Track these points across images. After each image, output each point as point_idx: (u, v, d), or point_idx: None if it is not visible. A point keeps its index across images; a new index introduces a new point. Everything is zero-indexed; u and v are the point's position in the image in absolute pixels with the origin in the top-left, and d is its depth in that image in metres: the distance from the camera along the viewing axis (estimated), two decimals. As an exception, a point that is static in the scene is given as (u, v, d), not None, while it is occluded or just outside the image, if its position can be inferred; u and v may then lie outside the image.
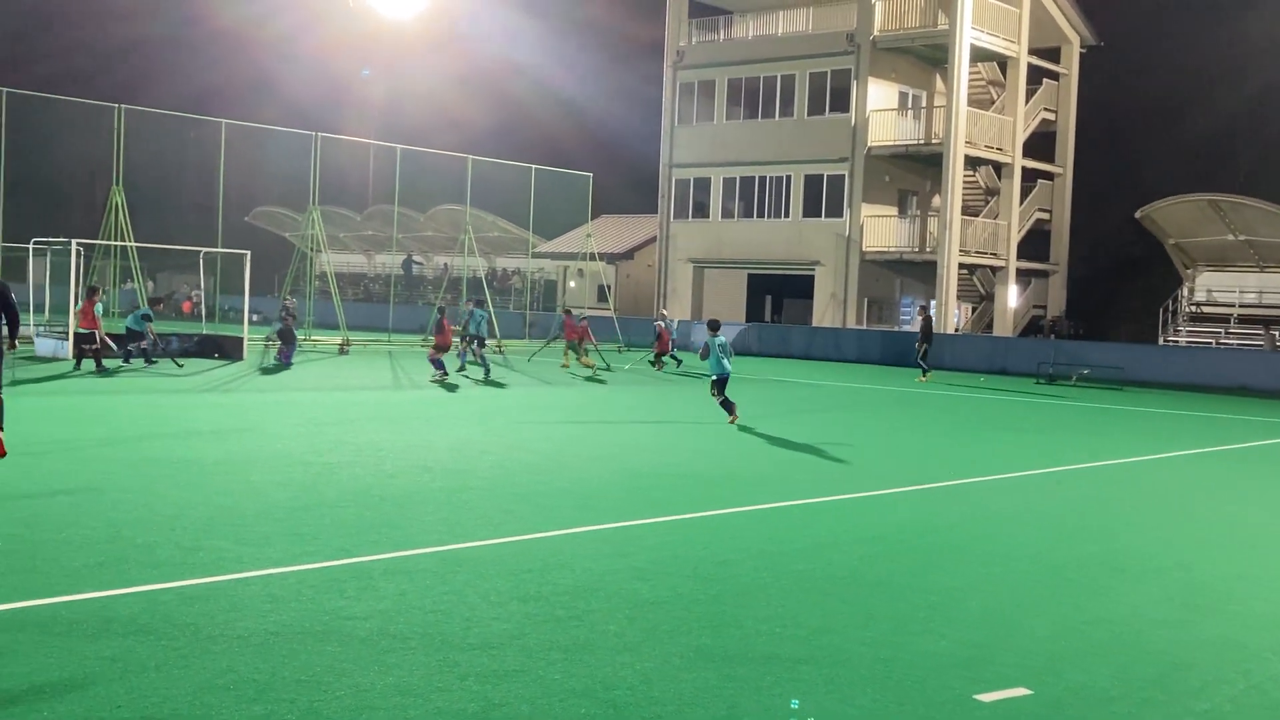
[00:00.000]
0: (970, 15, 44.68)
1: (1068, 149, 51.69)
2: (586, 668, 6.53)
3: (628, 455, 15.04)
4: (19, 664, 6.12)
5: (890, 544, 10.28)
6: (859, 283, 46.75)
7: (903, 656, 7.01)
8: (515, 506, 11.08)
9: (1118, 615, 8.24)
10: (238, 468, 12.58)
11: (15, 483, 11.09)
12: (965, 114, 45.14)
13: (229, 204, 39.71)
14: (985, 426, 21.49)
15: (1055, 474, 15.45)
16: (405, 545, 9.24)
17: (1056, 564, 9.81)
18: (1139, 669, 7.04)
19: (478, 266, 47.28)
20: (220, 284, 44.87)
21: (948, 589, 8.73)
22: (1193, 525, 12.13)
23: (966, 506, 12.51)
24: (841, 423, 21.14)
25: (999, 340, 42.39)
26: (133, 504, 10.31)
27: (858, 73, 46.44)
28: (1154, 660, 7.24)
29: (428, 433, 16.44)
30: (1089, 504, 13.17)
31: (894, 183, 48.14)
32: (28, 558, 8.30)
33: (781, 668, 6.69)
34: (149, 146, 42.75)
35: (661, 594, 8.14)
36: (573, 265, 56.98)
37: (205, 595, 7.58)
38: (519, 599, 7.83)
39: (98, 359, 25.04)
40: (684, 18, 52.03)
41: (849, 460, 15.84)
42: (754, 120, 49.97)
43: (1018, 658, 7.13)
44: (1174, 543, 11.05)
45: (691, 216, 51.89)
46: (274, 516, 10.08)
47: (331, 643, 6.72)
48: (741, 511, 11.47)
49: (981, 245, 46.75)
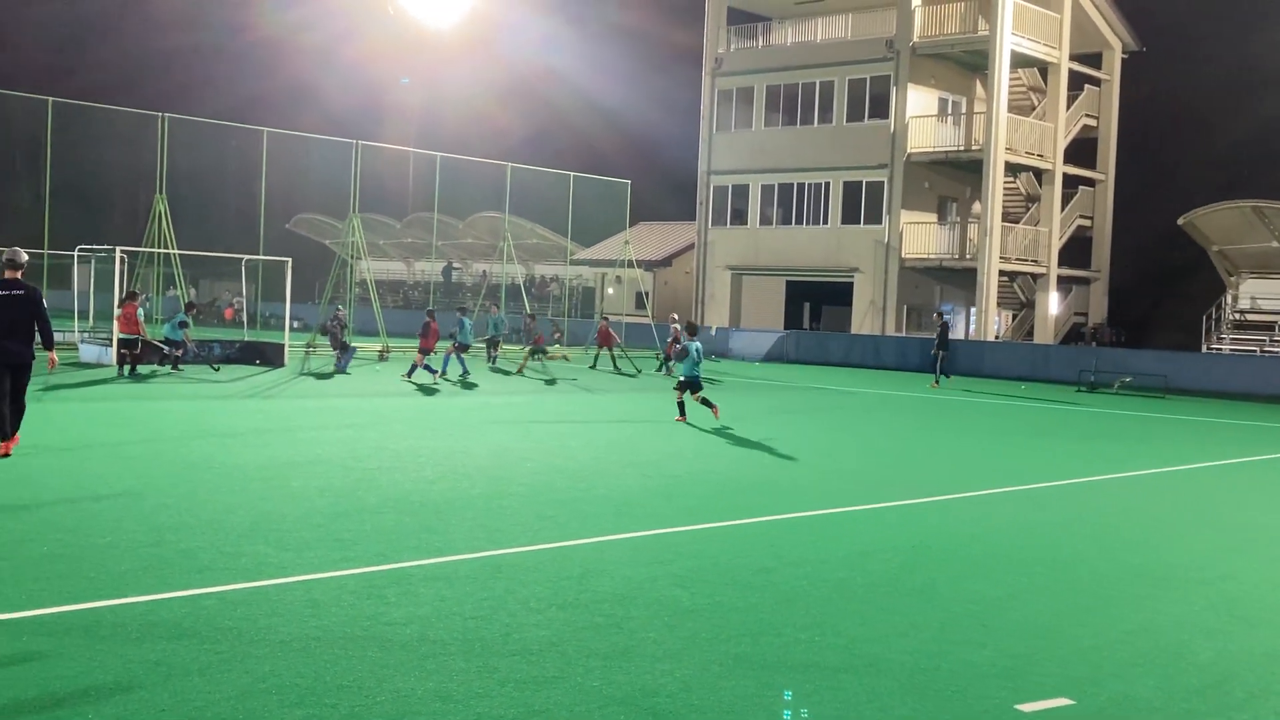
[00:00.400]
0: (1011, 21, 44.45)
1: (1109, 155, 51.31)
2: (626, 675, 6.53)
3: (666, 462, 15.04)
4: (65, 667, 6.19)
5: (930, 552, 10.23)
6: (898, 290, 46.55)
7: (943, 666, 6.97)
8: (554, 513, 11.10)
9: (1161, 625, 8.16)
10: (279, 473, 12.67)
11: (60, 487, 11.22)
12: (1005, 120, 44.89)
13: (270, 211, 40.01)
14: (1026, 434, 21.34)
15: (1096, 482, 15.32)
16: (445, 551, 9.28)
17: (1099, 573, 9.73)
18: (1182, 680, 6.97)
19: (516, 274, 47.40)
20: (261, 291, 45.25)
21: (989, 598, 8.67)
22: (1237, 535, 12.00)
23: (1007, 515, 12.42)
24: (881, 430, 21.05)
25: (1040, 348, 42.10)
26: (175, 509, 10.41)
27: (897, 79, 46.28)
28: (1198, 671, 7.17)
29: (466, 439, 16.49)
30: (1131, 513, 13.05)
31: (934, 189, 47.93)
32: (73, 562, 8.39)
33: (821, 676, 6.67)
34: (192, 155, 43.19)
35: (700, 601, 8.13)
36: (611, 272, 57.03)
37: (247, 600, 7.63)
38: (558, 605, 7.84)
39: (134, 364, 25.32)
40: (723, 24, 52.04)
41: (888, 468, 15.78)
42: (793, 127, 49.88)
43: (1059, 667, 7.07)
44: (1218, 553, 10.93)
45: (730, 223, 51.84)
46: (314, 522, 10.15)
47: (372, 648, 6.76)
48: (780, 519, 11.44)
49: (1022, 252, 46.46)
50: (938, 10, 46.62)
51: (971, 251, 46.16)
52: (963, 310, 48.53)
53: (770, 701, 6.24)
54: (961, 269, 46.32)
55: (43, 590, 7.60)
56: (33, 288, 13.57)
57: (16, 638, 6.64)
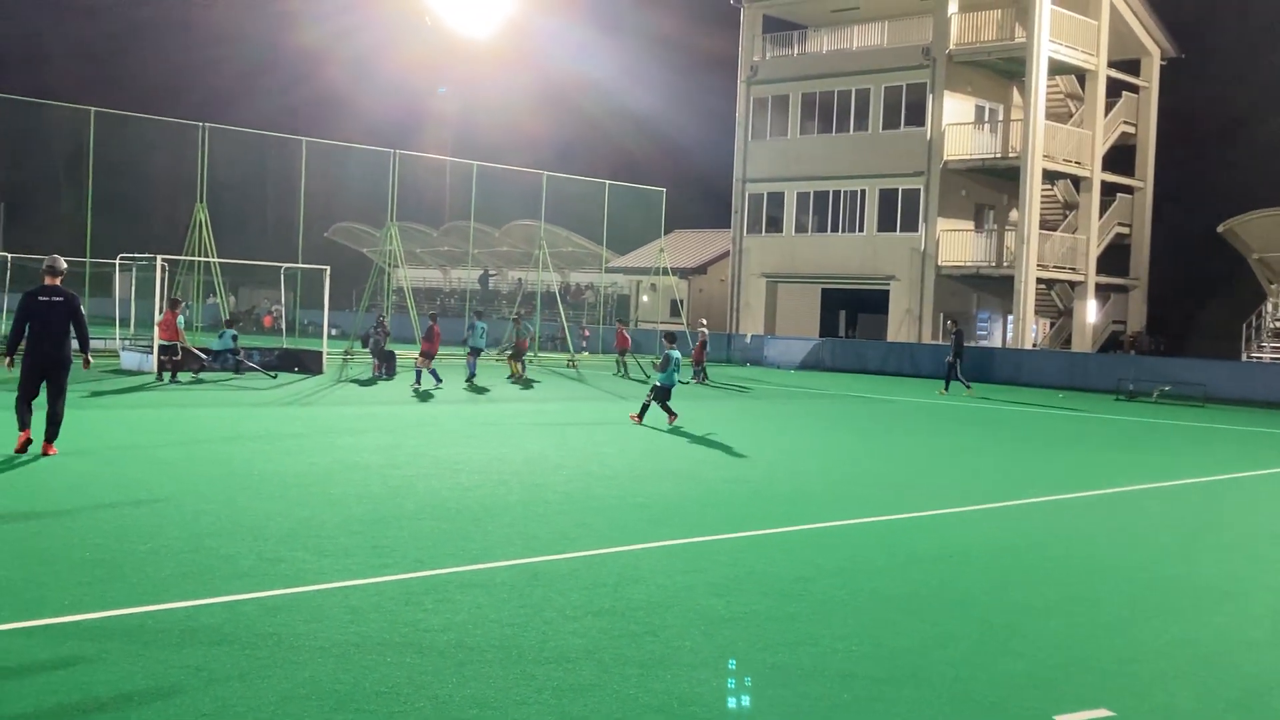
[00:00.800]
0: (1048, 28, 44.24)
1: (1148, 162, 50.95)
2: (662, 683, 6.53)
3: (701, 470, 15.03)
4: (107, 672, 6.25)
5: (969, 562, 10.18)
6: (935, 297, 46.36)
7: (982, 676, 6.94)
8: (590, 520, 11.12)
9: (1201, 637, 8.09)
10: (317, 480, 12.76)
11: (102, 493, 11.34)
12: (1043, 127, 44.65)
13: (309, 220, 40.35)
14: (1065, 443, 21.20)
15: (1136, 492, 15.20)
16: (482, 558, 9.31)
17: (1139, 584, 9.65)
18: (1223, 691, 6.91)
19: (551, 281, 47.52)
20: (300, 299, 45.55)
21: (1028, 608, 8.62)
22: (1278, 546, 11.87)
23: (1046, 524, 12.34)
24: (918, 438, 20.96)
25: (1078, 356, 41.81)
26: (215, 515, 10.50)
27: (933, 86, 46.13)
28: (1239, 683, 7.10)
29: (503, 446, 16.55)
30: (1171, 523, 12.95)
31: (970, 197, 47.72)
32: (115, 567, 8.48)
33: (859, 686, 6.65)
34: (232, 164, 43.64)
35: (737, 610, 8.12)
36: (646, 280, 57.10)
37: (287, 606, 7.69)
38: (594, 613, 7.85)
39: (175, 370, 25.54)
40: (758, 33, 52.05)
41: (926, 476, 15.72)
42: (828, 134, 49.81)
43: (1099, 678, 7.03)
44: (1259, 564, 10.83)
45: (765, 231, 51.80)
46: (353, 529, 10.21)
47: (410, 654, 6.79)
48: (817, 528, 11.42)
49: (1060, 260, 46.19)
50: (974, 18, 46.45)
51: (1008, 259, 45.92)
52: (1000, 318, 48.28)
53: (807, 711, 6.23)
54: (998, 277, 46.08)
55: (85, 595, 7.69)
56: (72, 294, 13.91)
57: (59, 642, 6.71)
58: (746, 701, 6.31)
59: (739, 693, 6.42)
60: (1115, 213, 49.80)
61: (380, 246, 43.56)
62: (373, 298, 44.44)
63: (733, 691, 6.43)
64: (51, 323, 13.53)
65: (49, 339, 13.55)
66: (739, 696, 6.36)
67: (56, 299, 13.58)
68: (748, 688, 6.49)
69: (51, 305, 13.55)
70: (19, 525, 9.78)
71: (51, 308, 13.55)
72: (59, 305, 13.57)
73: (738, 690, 6.45)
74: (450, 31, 61.04)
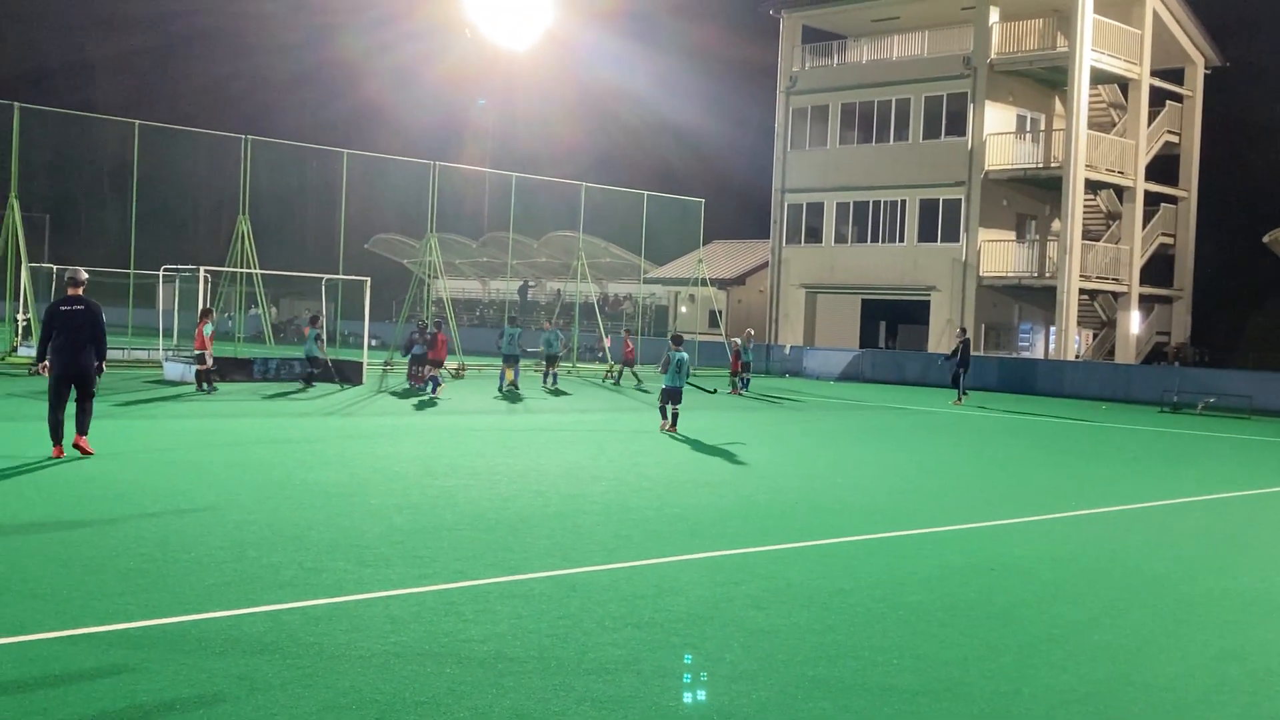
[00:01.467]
0: (1090, 37, 43.96)
1: (1192, 172, 50.50)
2: (703, 695, 6.51)
3: (739, 482, 15.00)
4: (151, 680, 6.30)
5: (1011, 575, 10.10)
6: (976, 308, 46.10)
7: (1024, 690, 6.88)
8: (629, 531, 11.11)
9: (1248, 651, 7.99)
10: (358, 490, 12.82)
11: (145, 503, 11.44)
12: (1085, 137, 44.36)
13: (349, 231, 40.61)
14: (1107, 456, 21.01)
15: (1181, 505, 15.05)
16: (521, 569, 9.32)
17: (1183, 597, 9.55)
18: (1270, 706, 6.82)
19: (590, 292, 47.62)
20: (341, 310, 45.87)
21: (1071, 622, 8.54)
22: (1328, 560, 11.71)
23: (1089, 537, 12.23)
24: (959, 449, 20.83)
25: (1121, 367, 41.45)
26: (257, 524, 10.57)
27: (974, 96, 45.92)
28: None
29: (541, 457, 16.57)
30: (1216, 536, 12.80)
31: (1012, 207, 47.45)
32: (158, 576, 8.55)
33: (899, 699, 6.61)
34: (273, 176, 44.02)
35: (776, 623, 8.09)
36: (684, 290, 57.08)
37: (328, 615, 7.73)
38: (633, 625, 7.85)
39: (201, 380, 25.61)
40: (797, 43, 52.00)
41: (967, 488, 15.62)
42: (868, 145, 49.67)
43: (1142, 693, 6.95)
44: (1308, 578, 10.68)
45: (804, 241, 51.69)
46: (393, 539, 10.25)
47: (450, 664, 6.81)
48: (857, 540, 11.36)
49: (1102, 270, 45.82)
50: (1016, 27, 46.23)
51: (1051, 270, 45.60)
52: (1042, 329, 47.93)
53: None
54: (1041, 287, 45.77)
55: (128, 604, 7.75)
56: (93, 304, 14.55)
57: (103, 651, 6.77)
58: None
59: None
60: (1159, 223, 49.37)
61: (420, 258, 43.78)
62: (412, 308, 44.68)
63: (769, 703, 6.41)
64: (73, 331, 14.16)
65: (71, 347, 14.17)
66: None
67: (77, 307, 14.23)
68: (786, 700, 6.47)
69: (73, 314, 14.20)
70: (64, 534, 9.89)
71: (73, 316, 14.19)
72: (80, 313, 14.21)
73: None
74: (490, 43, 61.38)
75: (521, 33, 59.60)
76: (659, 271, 59.48)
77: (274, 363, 30.38)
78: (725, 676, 6.86)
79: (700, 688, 6.66)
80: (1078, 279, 44.25)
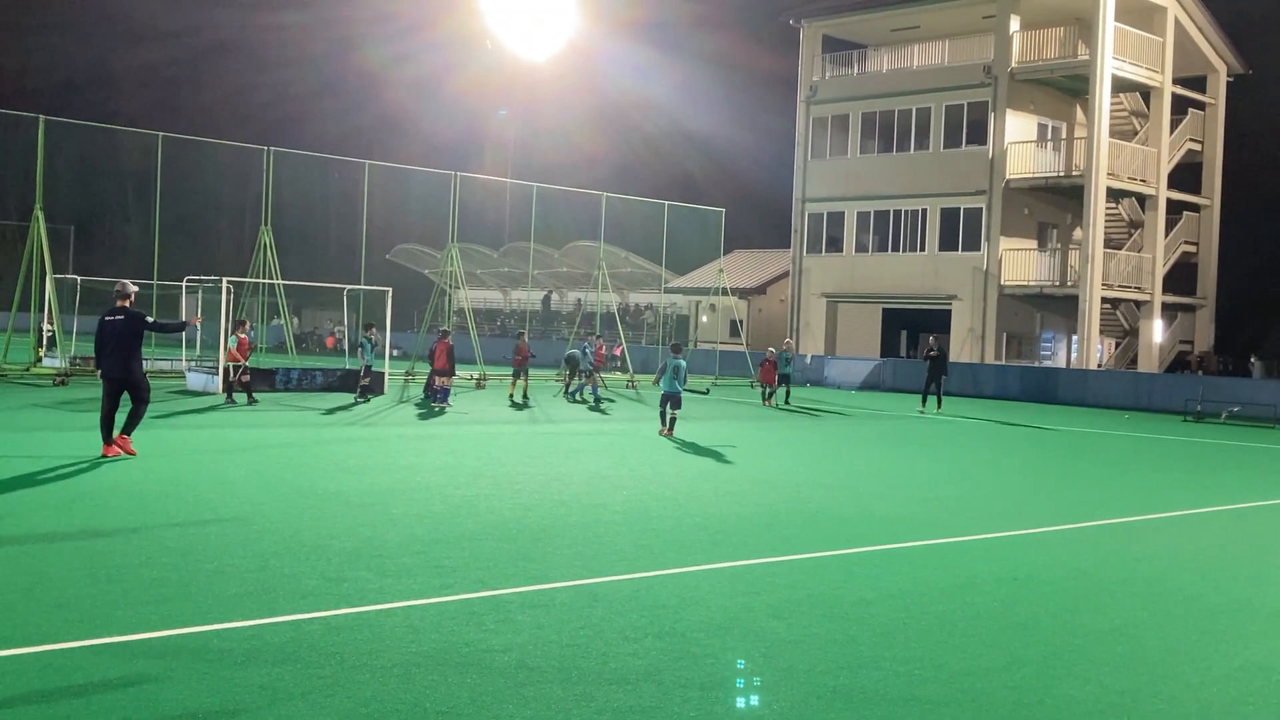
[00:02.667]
0: (1111, 46, 43.84)
1: (1214, 180, 50.27)
2: (723, 706, 6.50)
3: (760, 491, 14.98)
4: (174, 690, 6.32)
5: (1034, 585, 10.05)
6: (997, 317, 45.96)
7: (1047, 701, 6.84)
8: (650, 541, 11.11)
9: (1273, 662, 7.93)
10: (379, 500, 12.84)
11: (169, 513, 11.49)
12: (1107, 145, 44.22)
13: (371, 242, 40.76)
14: (1131, 465, 20.91)
15: (1204, 514, 14.96)
16: (542, 579, 9.33)
17: (1207, 608, 9.48)
18: (1298, 720, 6.76)
19: (611, 302, 47.67)
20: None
21: (1094, 632, 8.50)
22: (1354, 570, 11.62)
23: (1113, 547, 12.16)
24: (980, 459, 20.76)
25: (1143, 376, 41.24)
26: (279, 535, 10.60)
27: (995, 105, 45.84)
28: (1314, 711, 6.94)
29: (562, 466, 16.58)
30: (1241, 546, 12.72)
31: (1033, 215, 47.31)
32: (182, 586, 8.58)
33: (921, 710, 6.58)
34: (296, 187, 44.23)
35: (797, 633, 8.07)
36: (705, 300, 57.08)
37: (350, 625, 7.74)
38: (654, 635, 7.84)
39: (230, 390, 25.70)
40: (818, 53, 52.00)
41: (988, 498, 15.56)
42: (888, 154, 49.62)
43: (1166, 705, 6.90)
44: (1334, 588, 10.59)
45: (825, 251, 51.65)
46: (414, 549, 10.27)
47: (471, 674, 6.81)
48: (878, 550, 11.33)
49: (1125, 279, 45.64)
50: (1037, 35, 46.13)
51: (1073, 278, 45.43)
52: (1064, 338, 47.75)
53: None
54: (1062, 296, 45.61)
55: (152, 614, 7.79)
56: (134, 313, 15.34)
57: (127, 660, 6.80)
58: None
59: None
60: (1181, 231, 49.15)
61: (441, 268, 43.89)
62: (434, 318, 44.77)
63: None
64: (116, 339, 15.02)
65: (116, 354, 15.05)
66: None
67: (119, 318, 15.05)
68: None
69: (114, 324, 15.05)
70: (88, 543, 9.94)
71: (115, 325, 15.04)
72: (119, 323, 15.04)
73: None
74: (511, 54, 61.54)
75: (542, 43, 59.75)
76: (680, 281, 59.49)
77: (295, 373, 30.48)
78: (746, 688, 6.84)
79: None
80: (1100, 288, 44.08)
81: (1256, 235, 50.91)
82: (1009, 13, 45.57)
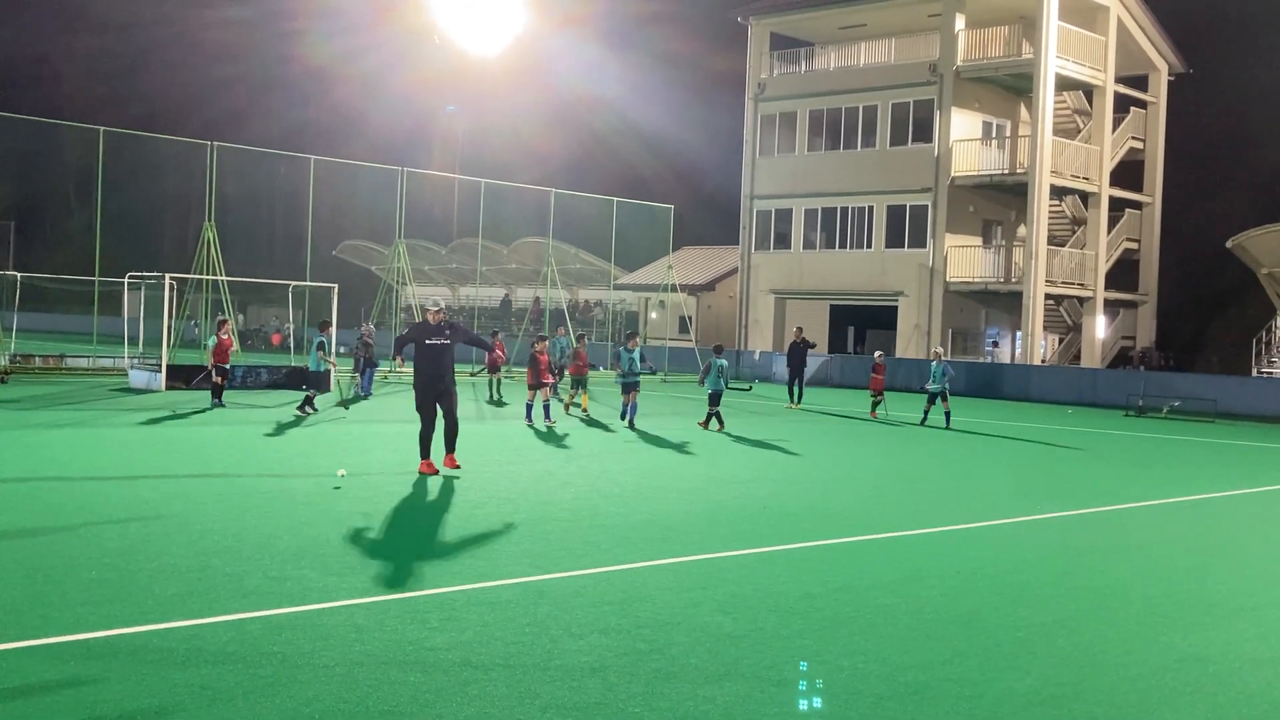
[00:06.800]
0: (1055, 45, 44.30)
1: (1156, 178, 50.94)
2: (668, 701, 6.51)
3: (710, 488, 15.01)
4: (112, 691, 6.24)
5: (976, 579, 10.14)
6: (943, 313, 46.33)
7: (988, 694, 6.90)
8: (597, 538, 11.10)
9: (1211, 654, 8.04)
10: (324, 498, 12.75)
11: (108, 511, 11.34)
12: (1050, 143, 44.69)
13: (317, 238, 40.44)
14: (1073, 460, 21.14)
15: (1146, 508, 15.15)
16: (488, 576, 9.29)
17: (1147, 600, 9.61)
18: (1233, 709, 6.86)
19: (560, 298, 47.61)
20: (309, 317, 45.64)
21: (1035, 625, 8.58)
22: (1290, 562, 11.81)
23: (1054, 541, 12.29)
24: (926, 455, 20.91)
25: (1087, 372, 41.73)
26: (222, 533, 10.49)
27: (941, 103, 46.19)
28: (1249, 701, 7.05)
29: (510, 463, 16.53)
30: (1180, 539, 12.89)
31: (978, 213, 47.73)
32: (120, 586, 8.47)
33: (865, 703, 6.62)
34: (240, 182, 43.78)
35: (743, 628, 8.10)
36: (654, 296, 57.13)
37: (292, 624, 7.68)
38: (600, 631, 7.83)
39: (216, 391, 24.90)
40: (765, 50, 52.16)
41: (933, 494, 15.67)
42: (836, 151, 49.88)
43: (1106, 696, 6.98)
44: (1269, 579, 10.77)
45: (773, 247, 51.84)
46: (359, 547, 10.20)
47: (414, 672, 6.77)
48: (824, 545, 11.38)
49: (1068, 275, 46.15)
50: (981, 34, 46.52)
51: (1017, 275, 45.89)
52: (1009, 334, 48.22)
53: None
54: (1007, 292, 46.06)
55: (89, 614, 7.68)
56: (456, 325, 16.08)
57: (64, 662, 6.71)
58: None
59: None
60: (1124, 228, 49.77)
61: (388, 264, 43.65)
62: (380, 315, 44.50)
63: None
64: (436, 359, 15.08)
65: (432, 370, 15.10)
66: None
67: (442, 340, 15.09)
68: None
69: (439, 344, 15.08)
70: (24, 543, 9.79)
71: (437, 344, 15.08)
72: (444, 343, 15.11)
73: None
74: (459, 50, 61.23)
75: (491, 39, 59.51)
76: (629, 277, 59.49)
77: (240, 370, 30.15)
78: (692, 681, 6.84)
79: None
80: (1043, 284, 44.55)
81: (1196, 232, 51.65)
82: (954, 11, 45.93)
